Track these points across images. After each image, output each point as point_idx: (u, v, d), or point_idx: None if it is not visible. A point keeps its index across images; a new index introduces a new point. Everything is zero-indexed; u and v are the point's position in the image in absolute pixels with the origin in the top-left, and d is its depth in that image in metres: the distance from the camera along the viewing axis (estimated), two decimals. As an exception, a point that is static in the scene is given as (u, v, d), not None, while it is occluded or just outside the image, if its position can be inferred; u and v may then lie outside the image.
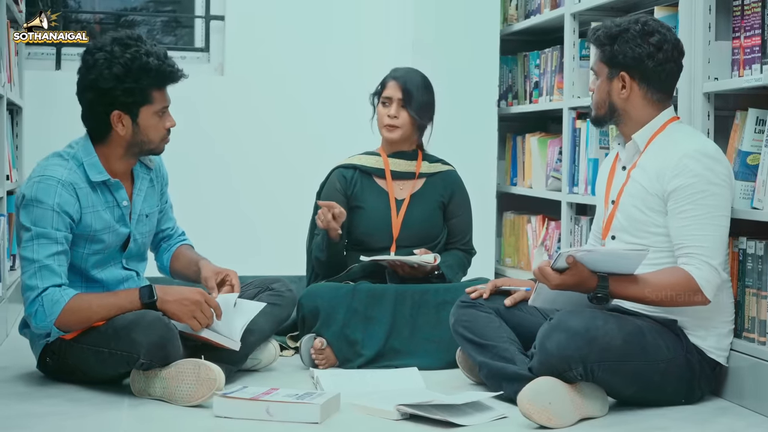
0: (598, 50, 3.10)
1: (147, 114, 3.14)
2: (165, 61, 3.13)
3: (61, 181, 3.07)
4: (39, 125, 4.84)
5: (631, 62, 3.02)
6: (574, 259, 2.86)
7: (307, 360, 3.51)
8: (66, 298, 3.00)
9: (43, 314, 3.00)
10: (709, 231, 2.92)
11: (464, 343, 3.17)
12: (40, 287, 3.00)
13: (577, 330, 2.81)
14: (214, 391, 2.89)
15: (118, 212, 3.19)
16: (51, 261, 3.02)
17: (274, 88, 5.22)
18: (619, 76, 3.05)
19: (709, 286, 2.90)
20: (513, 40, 5.14)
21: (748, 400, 3.00)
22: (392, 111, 3.79)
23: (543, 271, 2.92)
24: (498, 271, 5.03)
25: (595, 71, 3.12)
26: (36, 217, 3.04)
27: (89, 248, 3.14)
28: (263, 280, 3.52)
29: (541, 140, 4.78)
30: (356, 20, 5.27)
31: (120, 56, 3.07)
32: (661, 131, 3.05)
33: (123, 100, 3.10)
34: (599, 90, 3.10)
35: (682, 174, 2.94)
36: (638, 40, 3.01)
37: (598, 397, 2.89)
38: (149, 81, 3.10)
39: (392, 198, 3.83)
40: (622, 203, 3.07)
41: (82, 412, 2.87)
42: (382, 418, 2.86)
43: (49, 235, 3.03)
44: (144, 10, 5.61)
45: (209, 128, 5.13)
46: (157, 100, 3.14)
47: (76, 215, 3.08)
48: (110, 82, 3.08)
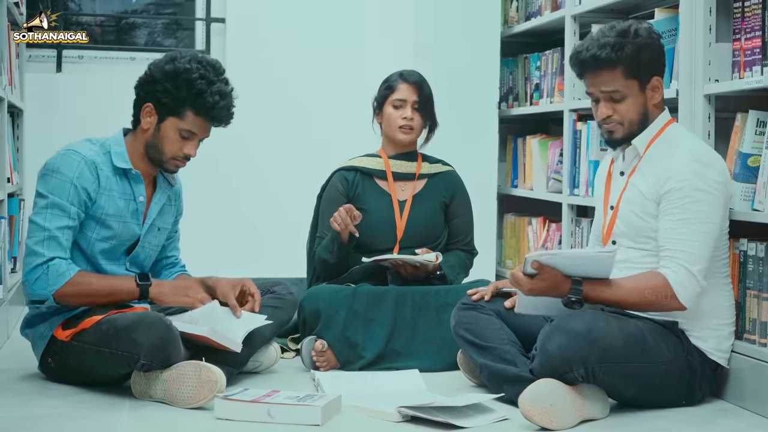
0: (619, 69, 2.95)
1: (171, 125, 3.20)
2: (213, 94, 3.17)
3: (85, 158, 3.16)
4: (40, 128, 4.85)
5: (656, 64, 3.00)
6: (540, 264, 2.86)
7: (308, 362, 3.51)
8: (71, 272, 3.08)
9: (45, 282, 3.06)
10: (693, 236, 2.90)
11: (465, 345, 3.17)
12: (47, 256, 3.07)
13: (578, 331, 2.81)
14: (215, 393, 2.89)
15: (133, 206, 3.24)
16: (60, 233, 3.10)
17: (274, 91, 5.23)
18: (650, 82, 3.00)
19: (684, 291, 2.88)
20: (514, 42, 5.15)
21: (749, 402, 3.00)
22: (408, 113, 3.80)
23: (515, 277, 2.91)
24: (499, 273, 5.03)
25: (619, 92, 2.98)
26: (54, 187, 3.12)
27: (98, 233, 3.18)
28: (264, 282, 3.52)
29: (541, 142, 4.78)
30: (357, 23, 5.28)
31: (182, 63, 3.17)
32: (659, 134, 3.04)
33: (158, 97, 3.18)
34: (633, 106, 2.99)
35: (674, 177, 2.92)
36: (651, 38, 2.99)
37: (599, 398, 2.89)
38: (186, 96, 3.16)
39: (395, 199, 3.83)
40: (622, 209, 3.06)
41: (84, 413, 2.87)
42: (383, 420, 2.86)
43: (63, 206, 3.11)
44: (145, 12, 5.62)
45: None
46: (188, 121, 3.19)
47: (93, 194, 3.15)
48: (158, 74, 3.18)
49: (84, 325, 3.06)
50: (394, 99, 3.82)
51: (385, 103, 3.84)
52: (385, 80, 3.88)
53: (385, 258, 3.63)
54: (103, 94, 4.96)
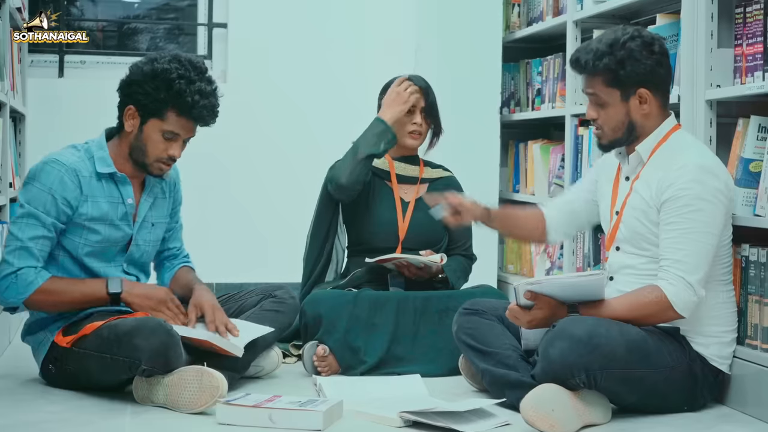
0: (599, 77, 3.00)
1: (153, 127, 3.19)
2: (194, 93, 3.15)
3: (66, 166, 3.15)
4: (42, 133, 4.84)
5: (646, 77, 2.98)
6: (533, 293, 2.86)
7: (309, 367, 3.51)
8: (40, 280, 3.10)
9: (15, 290, 3.10)
10: (691, 246, 2.89)
11: (467, 350, 3.17)
12: (16, 266, 3.10)
13: (580, 338, 2.81)
14: (216, 398, 2.89)
15: (122, 209, 3.23)
16: (32, 243, 3.11)
17: (277, 95, 5.23)
18: (636, 94, 3.00)
19: (681, 302, 2.88)
20: (515, 47, 5.15)
21: (751, 407, 2.99)
22: (418, 119, 3.81)
23: (512, 312, 2.93)
24: (500, 278, 5.03)
25: (600, 98, 3.02)
26: (31, 196, 3.14)
27: (85, 238, 3.18)
28: (265, 287, 3.52)
29: (543, 147, 4.78)
30: (359, 27, 5.28)
31: (161, 64, 3.17)
32: (664, 141, 3.04)
33: (139, 99, 3.18)
34: (614, 114, 3.01)
35: (674, 185, 2.92)
36: (644, 53, 2.97)
37: (600, 404, 2.89)
38: (166, 97, 3.15)
39: (398, 201, 3.83)
40: (625, 215, 3.06)
41: (85, 419, 2.87)
42: (385, 425, 2.86)
43: (39, 216, 3.12)
44: (147, 17, 5.62)
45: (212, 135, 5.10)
46: (170, 122, 3.18)
47: (74, 202, 3.15)
48: (137, 76, 3.18)
49: (85, 331, 3.06)
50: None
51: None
52: (389, 84, 3.87)
53: (390, 258, 3.63)
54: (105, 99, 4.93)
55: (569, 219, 3.35)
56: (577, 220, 3.35)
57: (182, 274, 3.47)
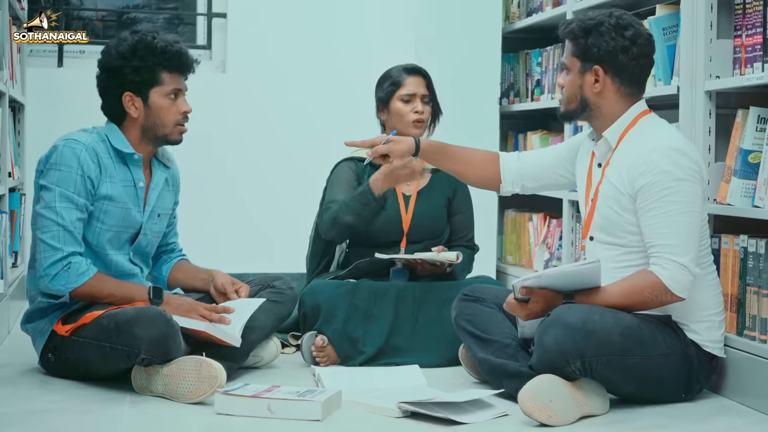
0: (570, 44, 3.05)
1: (157, 95, 3.21)
2: (173, 45, 3.21)
3: (85, 145, 3.17)
4: (41, 122, 4.85)
5: (605, 56, 2.98)
6: (527, 289, 2.87)
7: (308, 357, 3.51)
8: (91, 272, 3.10)
9: (65, 279, 3.08)
10: (677, 228, 2.88)
11: (466, 337, 3.16)
12: (66, 251, 3.09)
13: (573, 324, 2.81)
14: (215, 388, 2.89)
15: (134, 192, 3.24)
16: (74, 227, 3.11)
17: (276, 86, 5.23)
18: (592, 70, 3.00)
19: (677, 285, 2.88)
20: (515, 38, 5.15)
21: (749, 398, 3.00)
22: (419, 107, 3.80)
23: (510, 305, 2.94)
24: (499, 269, 5.03)
25: (566, 65, 3.06)
26: (59, 179, 3.12)
27: (102, 221, 3.18)
28: (264, 277, 3.53)
29: (542, 138, 4.78)
30: (359, 17, 5.28)
31: (128, 39, 3.20)
32: (632, 126, 3.02)
33: (132, 79, 3.19)
34: (570, 84, 3.05)
35: (649, 171, 2.91)
36: (612, 34, 2.97)
37: (598, 394, 2.89)
38: (155, 60, 3.19)
39: (400, 193, 3.83)
40: (599, 204, 3.04)
41: (84, 408, 2.87)
42: (384, 415, 2.87)
43: (72, 198, 3.11)
44: (146, 7, 5.61)
45: (211, 126, 5.13)
46: (167, 82, 3.21)
47: (96, 181, 3.16)
48: (117, 61, 3.20)
49: (84, 320, 3.06)
50: (403, 94, 3.80)
51: (391, 100, 3.81)
52: (386, 77, 3.85)
53: (404, 257, 3.61)
54: (105, 89, 4.95)
55: (532, 173, 3.31)
56: (540, 178, 3.32)
57: (184, 265, 3.50)
